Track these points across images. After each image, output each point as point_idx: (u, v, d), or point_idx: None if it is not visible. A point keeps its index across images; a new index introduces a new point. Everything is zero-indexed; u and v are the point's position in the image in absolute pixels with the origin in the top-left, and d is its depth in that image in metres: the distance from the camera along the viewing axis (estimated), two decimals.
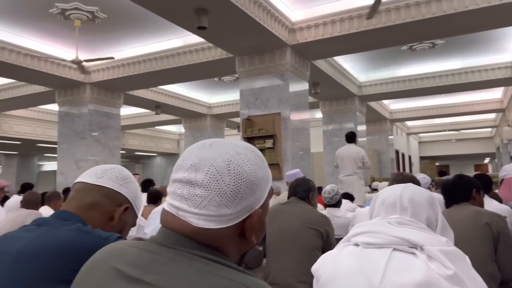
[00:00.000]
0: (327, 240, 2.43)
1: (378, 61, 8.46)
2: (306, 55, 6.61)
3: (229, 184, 0.66)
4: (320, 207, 3.64)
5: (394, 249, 1.07)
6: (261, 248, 2.41)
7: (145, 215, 3.75)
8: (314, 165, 8.64)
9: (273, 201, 3.78)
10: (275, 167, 5.94)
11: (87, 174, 1.07)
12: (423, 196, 1.21)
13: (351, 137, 6.24)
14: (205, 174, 0.66)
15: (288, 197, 2.66)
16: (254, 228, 0.70)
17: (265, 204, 0.72)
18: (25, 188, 5.45)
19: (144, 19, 5.87)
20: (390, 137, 12.99)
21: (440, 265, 1.00)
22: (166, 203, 0.71)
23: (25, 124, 11.64)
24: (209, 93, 10.78)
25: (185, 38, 6.67)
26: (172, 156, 17.22)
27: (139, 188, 1.13)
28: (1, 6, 5.47)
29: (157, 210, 3.30)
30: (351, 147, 6.18)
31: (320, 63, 7.40)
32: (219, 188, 0.65)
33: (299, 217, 2.46)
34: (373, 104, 10.97)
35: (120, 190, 1.05)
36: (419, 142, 19.72)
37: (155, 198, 4.22)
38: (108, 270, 0.68)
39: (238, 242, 0.70)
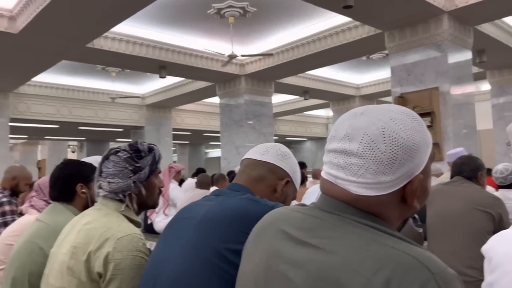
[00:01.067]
0: (499, 224, 2.17)
1: None
2: (467, 20, 5.86)
3: (385, 152, 0.64)
4: (490, 189, 3.25)
5: None
6: (421, 230, 2.29)
7: (298, 197, 3.92)
8: (481, 144, 7.69)
9: (433, 183, 3.52)
10: (434, 147, 5.42)
11: (252, 151, 1.19)
12: None
13: None
14: (359, 143, 0.66)
15: (451, 177, 2.45)
16: (415, 194, 0.68)
17: (426, 169, 0.69)
18: (199, 172, 6.26)
19: (290, 6, 6.03)
20: None
21: None
22: (324, 172, 0.73)
23: (193, 117, 13.24)
24: (357, 74, 10.50)
25: (331, 20, 6.61)
26: (321, 140, 17.38)
27: (297, 164, 1.21)
28: (168, 13, 6.31)
29: (311, 191, 3.41)
30: None
31: (486, 27, 6.47)
32: (375, 157, 0.65)
33: (466, 197, 2.25)
34: None
35: (281, 165, 1.15)
36: None
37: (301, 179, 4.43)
38: (276, 232, 0.73)
39: (400, 207, 0.69)
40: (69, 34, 5.76)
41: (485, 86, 9.69)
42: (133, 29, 6.70)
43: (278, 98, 12.22)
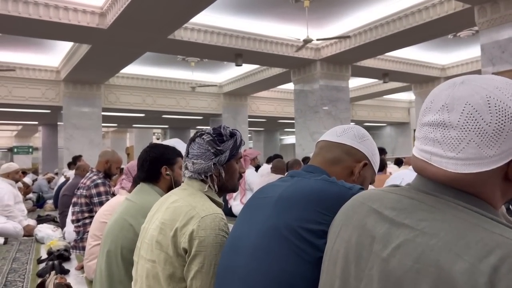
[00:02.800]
0: None
1: None
2: None
3: (490, 123, 0.59)
4: None
5: None
6: None
7: (378, 184, 3.80)
8: None
9: None
10: None
11: (328, 133, 1.17)
12: None
13: None
14: (460, 114, 0.61)
15: None
16: None
17: None
18: (275, 157, 6.35)
19: None
20: None
21: None
22: (416, 149, 0.69)
23: (268, 104, 13.37)
24: (442, 53, 9.78)
25: None
26: (402, 126, 16.56)
27: (376, 147, 1.17)
28: (243, 0, 6.37)
29: (394, 177, 3.29)
30: None
31: None
32: (478, 128, 0.60)
33: None
34: None
35: (358, 147, 1.11)
36: None
37: (380, 166, 4.31)
38: (368, 212, 0.71)
39: (502, 186, 0.64)
40: (153, 27, 6.09)
41: None
42: (209, 18, 6.87)
43: (355, 82, 11.84)
